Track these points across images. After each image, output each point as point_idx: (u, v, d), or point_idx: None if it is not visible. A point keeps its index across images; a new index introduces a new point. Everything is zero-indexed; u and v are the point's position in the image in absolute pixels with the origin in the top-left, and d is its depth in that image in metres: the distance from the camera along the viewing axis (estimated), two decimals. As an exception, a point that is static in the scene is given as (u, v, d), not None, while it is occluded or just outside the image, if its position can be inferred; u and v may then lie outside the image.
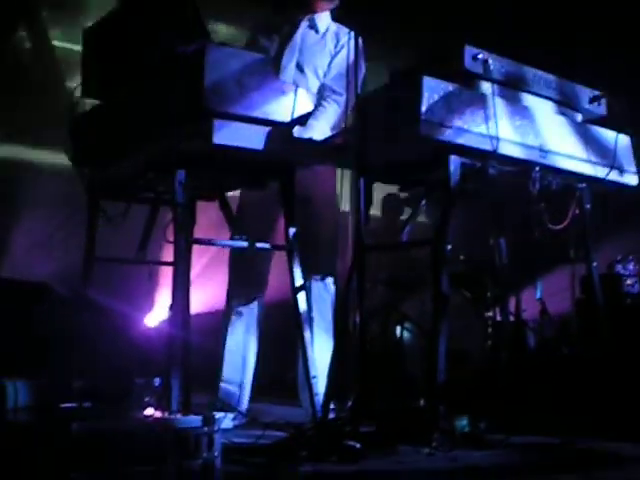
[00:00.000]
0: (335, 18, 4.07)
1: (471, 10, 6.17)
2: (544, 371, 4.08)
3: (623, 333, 3.91)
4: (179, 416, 2.71)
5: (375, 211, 6.78)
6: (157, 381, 3.43)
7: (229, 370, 3.96)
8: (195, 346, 3.92)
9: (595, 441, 3.23)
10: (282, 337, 6.07)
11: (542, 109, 3.38)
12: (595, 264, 3.63)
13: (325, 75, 3.96)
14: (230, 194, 3.75)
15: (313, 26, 4.03)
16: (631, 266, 4.80)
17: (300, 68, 3.97)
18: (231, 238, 3.53)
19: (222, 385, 3.94)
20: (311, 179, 3.78)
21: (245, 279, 3.98)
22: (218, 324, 4.12)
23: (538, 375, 4.18)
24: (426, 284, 4.64)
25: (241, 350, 3.97)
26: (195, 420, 2.49)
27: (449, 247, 3.08)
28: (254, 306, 4.02)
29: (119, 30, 3.33)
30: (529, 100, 3.36)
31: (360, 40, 3.18)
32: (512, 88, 3.30)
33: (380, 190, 5.65)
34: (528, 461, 2.97)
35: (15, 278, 5.15)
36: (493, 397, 3.95)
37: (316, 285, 3.93)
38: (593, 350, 3.80)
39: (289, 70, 3.94)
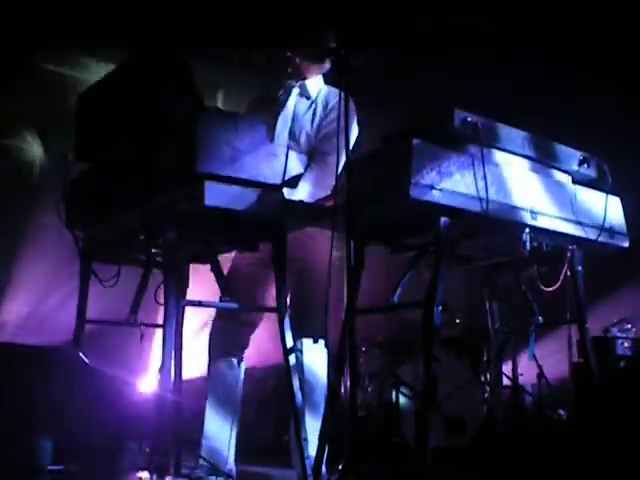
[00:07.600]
0: (327, 81, 4.14)
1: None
2: (542, 437, 4.03)
3: (618, 396, 3.87)
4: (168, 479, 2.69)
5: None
6: (147, 444, 3.40)
7: (211, 426, 3.91)
8: (193, 410, 3.90)
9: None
10: (278, 400, 6.06)
11: (532, 171, 3.39)
12: (587, 326, 3.59)
13: (315, 138, 4.02)
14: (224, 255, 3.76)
15: (304, 93, 4.11)
16: (627, 329, 4.79)
17: (292, 135, 4.04)
18: (220, 300, 3.53)
19: (204, 442, 3.88)
20: (303, 240, 3.79)
21: (227, 339, 3.96)
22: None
23: (536, 441, 4.14)
24: (421, 347, 4.61)
25: (222, 407, 3.93)
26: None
27: (440, 310, 3.06)
28: (236, 365, 3.98)
29: (112, 94, 3.37)
30: (519, 162, 3.37)
31: (352, 101, 3.18)
32: (502, 150, 3.31)
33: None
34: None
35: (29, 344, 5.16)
36: (490, 463, 3.91)
37: (308, 347, 3.91)
38: (589, 416, 3.75)
39: (283, 137, 4.00)
